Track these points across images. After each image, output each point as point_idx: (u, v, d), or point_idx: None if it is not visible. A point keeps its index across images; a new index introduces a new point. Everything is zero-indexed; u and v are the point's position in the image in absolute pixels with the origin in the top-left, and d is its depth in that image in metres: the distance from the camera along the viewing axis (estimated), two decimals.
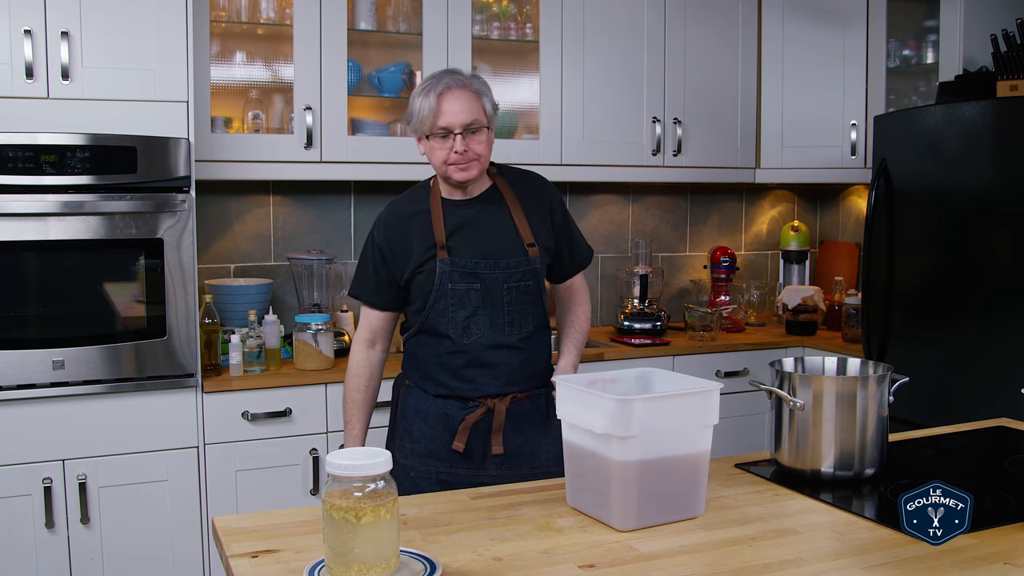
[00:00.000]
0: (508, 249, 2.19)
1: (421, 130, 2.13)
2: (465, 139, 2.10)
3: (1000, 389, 2.82)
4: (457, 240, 2.18)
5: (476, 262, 2.16)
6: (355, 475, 1.24)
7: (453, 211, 2.20)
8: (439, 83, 2.11)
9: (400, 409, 2.29)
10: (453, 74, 2.15)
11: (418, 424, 2.22)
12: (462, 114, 2.10)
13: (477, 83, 2.16)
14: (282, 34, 3.26)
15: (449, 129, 2.10)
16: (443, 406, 2.20)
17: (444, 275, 2.14)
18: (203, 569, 2.88)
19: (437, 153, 2.13)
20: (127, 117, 2.74)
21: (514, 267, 2.18)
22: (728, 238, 4.34)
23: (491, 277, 2.16)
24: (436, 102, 2.09)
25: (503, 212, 2.22)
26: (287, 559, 1.37)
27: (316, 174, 3.22)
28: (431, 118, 2.10)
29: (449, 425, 2.19)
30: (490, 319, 2.17)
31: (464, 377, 2.18)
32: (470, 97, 2.12)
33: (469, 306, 2.16)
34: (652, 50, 3.70)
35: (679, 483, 1.53)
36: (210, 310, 2.94)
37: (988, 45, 3.26)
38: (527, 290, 2.20)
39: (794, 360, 1.87)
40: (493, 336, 2.17)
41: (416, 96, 2.13)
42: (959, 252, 3.05)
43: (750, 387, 2.34)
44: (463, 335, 2.16)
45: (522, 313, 2.20)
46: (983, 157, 2.97)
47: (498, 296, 2.17)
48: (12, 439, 2.65)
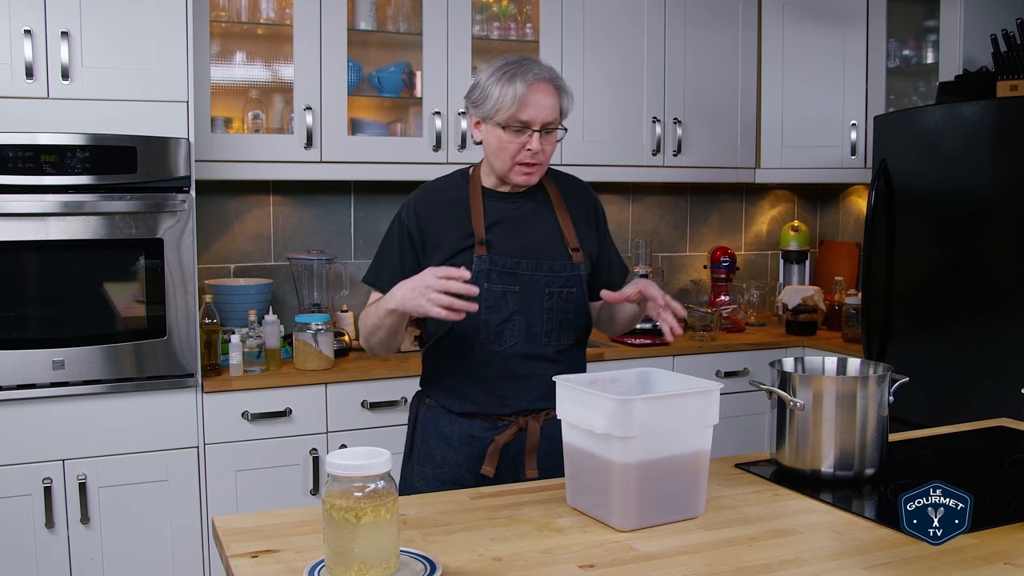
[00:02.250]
0: (551, 251, 2.00)
1: (496, 118, 1.91)
2: (540, 138, 1.92)
3: (1000, 389, 2.82)
4: (496, 235, 1.98)
5: (517, 262, 1.95)
6: (355, 475, 1.23)
7: (494, 203, 2.01)
8: (528, 71, 1.91)
9: (418, 431, 2.08)
10: (540, 65, 1.95)
11: (440, 448, 2.01)
12: (547, 110, 1.91)
13: (560, 80, 1.98)
14: (282, 34, 3.26)
15: (529, 125, 1.91)
16: (468, 427, 1.99)
17: (481, 273, 1.93)
18: (203, 569, 2.88)
19: (507, 147, 1.93)
20: (127, 117, 2.74)
21: (557, 271, 1.98)
22: (728, 238, 4.34)
23: (532, 280, 1.96)
24: (525, 92, 1.89)
25: (547, 211, 2.04)
26: (287, 559, 1.37)
27: (316, 174, 3.22)
28: (514, 108, 1.89)
29: (475, 448, 1.98)
30: (527, 326, 1.96)
31: (493, 391, 1.97)
32: (553, 93, 1.94)
33: (505, 310, 1.95)
34: (652, 50, 3.70)
35: (679, 483, 1.53)
36: (210, 310, 2.94)
37: (988, 45, 3.26)
38: (570, 298, 2.00)
39: (794, 360, 1.87)
40: (528, 345, 1.97)
41: (494, 78, 1.92)
42: (959, 252, 3.05)
43: (750, 387, 2.33)
44: (495, 341, 1.95)
45: (562, 323, 1.99)
46: (983, 157, 2.97)
47: (537, 301, 1.97)
48: (12, 439, 2.65)
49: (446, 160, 3.36)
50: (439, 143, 3.34)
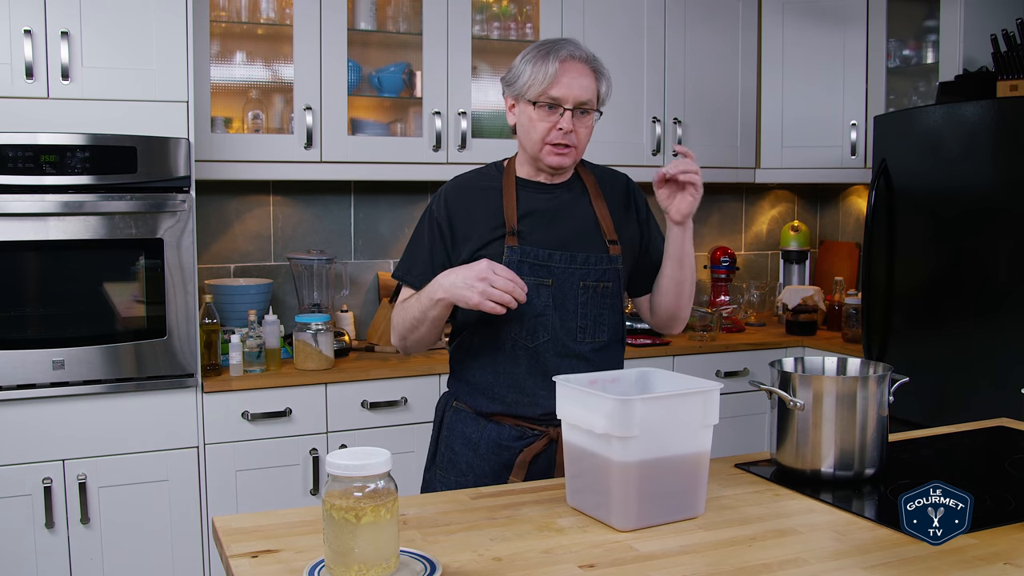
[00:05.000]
0: (587, 242, 1.93)
1: (527, 95, 1.88)
2: (573, 118, 1.88)
3: (1000, 389, 2.82)
4: (528, 225, 1.91)
5: (549, 253, 1.89)
6: (355, 475, 1.23)
7: (529, 193, 1.95)
8: (562, 49, 1.87)
9: (444, 436, 2.00)
10: (576, 45, 1.90)
11: (466, 455, 1.95)
12: (579, 89, 1.87)
13: (598, 63, 1.93)
14: (282, 34, 3.26)
15: (560, 102, 1.86)
16: (497, 435, 1.92)
17: (512, 265, 1.86)
18: (203, 569, 2.88)
19: (537, 126, 1.89)
20: (127, 117, 2.74)
21: (593, 263, 1.92)
22: (728, 238, 4.34)
23: (565, 272, 1.90)
24: (557, 68, 1.85)
25: (584, 202, 1.98)
26: (287, 559, 1.37)
27: (316, 174, 3.22)
28: (545, 84, 1.85)
29: (503, 457, 1.92)
30: (560, 321, 1.90)
31: (523, 390, 1.90)
32: (589, 73, 1.89)
33: (538, 304, 1.88)
34: (652, 50, 3.70)
35: (679, 483, 1.53)
36: (210, 310, 2.94)
37: (988, 45, 3.26)
38: (605, 292, 1.93)
39: (794, 360, 1.87)
40: (563, 342, 1.90)
41: (528, 57, 1.89)
42: (959, 252, 3.05)
43: (750, 387, 2.32)
44: (528, 337, 1.89)
45: (597, 319, 1.93)
46: (983, 157, 2.97)
47: (571, 295, 1.91)
48: (12, 439, 2.65)
49: (446, 160, 3.36)
50: (439, 143, 3.34)
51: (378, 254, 3.66)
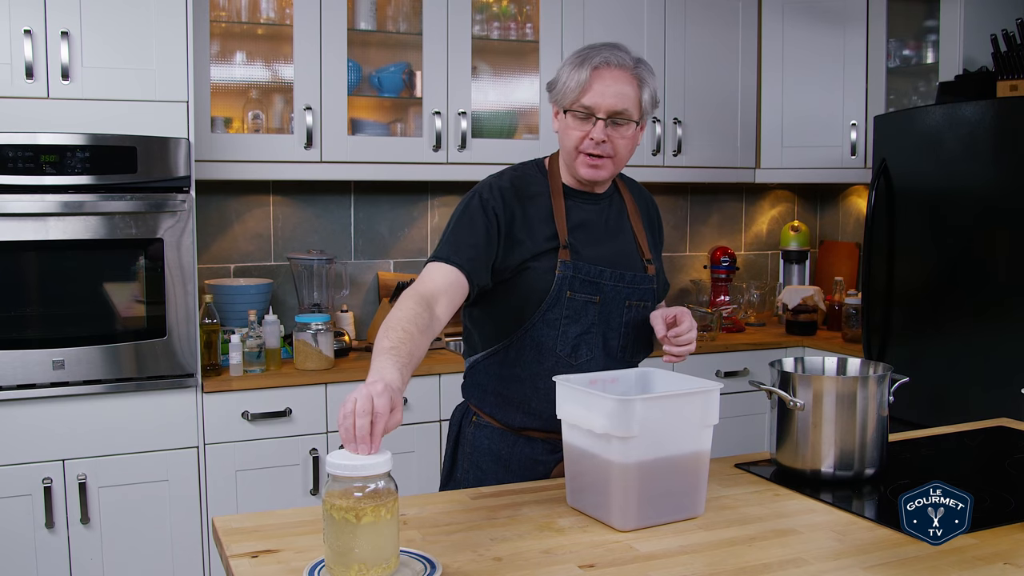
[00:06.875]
0: (629, 260, 1.89)
1: (562, 102, 1.82)
2: (607, 128, 1.79)
3: (1000, 389, 2.82)
4: (579, 239, 1.85)
5: (600, 271, 1.84)
6: (355, 475, 1.23)
7: (576, 203, 1.88)
8: (598, 55, 1.80)
9: (466, 452, 1.91)
10: (617, 50, 1.81)
11: (497, 472, 1.87)
12: (612, 98, 1.78)
13: (643, 69, 1.82)
14: (282, 34, 3.26)
15: (592, 111, 1.79)
16: (530, 451, 1.86)
17: (564, 280, 1.80)
18: (203, 569, 2.88)
19: (571, 134, 1.81)
20: (127, 117, 2.74)
21: (637, 282, 1.88)
22: (728, 238, 4.34)
23: (614, 291, 1.85)
24: (589, 76, 1.78)
25: (624, 218, 1.93)
26: (287, 559, 1.37)
27: (316, 174, 3.22)
28: (576, 92, 1.78)
29: (536, 472, 1.86)
30: (604, 340, 1.85)
31: None
32: (629, 81, 1.79)
33: (584, 321, 1.83)
34: (652, 50, 3.70)
35: (679, 483, 1.53)
36: (210, 310, 2.94)
37: (988, 45, 3.26)
38: (645, 311, 1.89)
39: (794, 360, 1.87)
40: (605, 360, 1.85)
41: (568, 62, 1.83)
42: (959, 252, 3.05)
43: (750, 387, 2.32)
44: (571, 355, 1.83)
45: (636, 339, 1.89)
46: (983, 157, 2.97)
47: (616, 314, 1.86)
48: (12, 439, 2.65)
49: (446, 160, 3.36)
50: (439, 143, 3.34)
51: (378, 254, 3.66)
